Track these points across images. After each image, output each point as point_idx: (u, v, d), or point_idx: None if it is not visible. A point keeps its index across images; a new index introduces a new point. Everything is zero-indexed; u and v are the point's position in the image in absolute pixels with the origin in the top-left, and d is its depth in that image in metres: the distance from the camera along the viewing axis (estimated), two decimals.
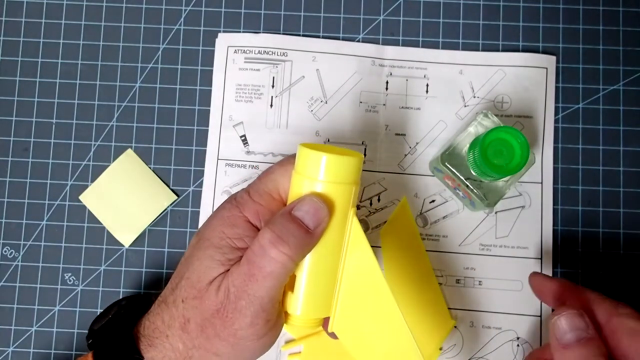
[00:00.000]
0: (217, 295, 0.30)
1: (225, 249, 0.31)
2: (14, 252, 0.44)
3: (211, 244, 0.31)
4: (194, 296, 0.31)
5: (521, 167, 0.36)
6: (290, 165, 0.32)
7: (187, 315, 0.31)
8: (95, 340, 0.34)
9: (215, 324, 0.30)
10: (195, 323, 0.31)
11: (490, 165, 0.36)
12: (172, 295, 0.32)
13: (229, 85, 0.45)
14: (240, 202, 0.32)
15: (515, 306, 0.42)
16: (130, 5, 0.46)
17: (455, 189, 0.41)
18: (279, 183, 0.32)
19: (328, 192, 0.30)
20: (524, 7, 0.45)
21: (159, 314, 0.32)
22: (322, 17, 0.46)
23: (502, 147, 0.36)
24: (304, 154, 0.30)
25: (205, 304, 0.30)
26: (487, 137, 0.36)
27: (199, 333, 0.31)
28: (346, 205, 0.30)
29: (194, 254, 0.32)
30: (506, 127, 0.36)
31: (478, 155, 0.36)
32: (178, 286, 0.32)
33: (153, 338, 0.32)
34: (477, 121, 0.39)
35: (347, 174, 0.30)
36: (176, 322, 0.31)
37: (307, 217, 0.29)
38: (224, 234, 0.31)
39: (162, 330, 0.32)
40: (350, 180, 0.30)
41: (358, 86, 0.44)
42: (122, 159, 0.45)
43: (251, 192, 0.32)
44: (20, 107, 0.45)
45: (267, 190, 0.32)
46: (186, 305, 0.31)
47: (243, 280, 0.29)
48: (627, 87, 0.44)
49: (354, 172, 0.30)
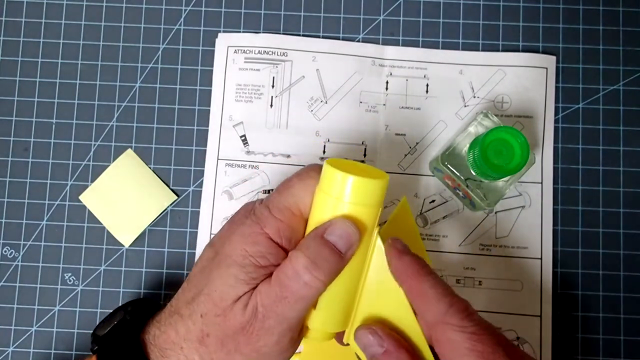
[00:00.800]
0: (244, 314, 0.30)
1: (249, 268, 0.30)
2: (14, 252, 0.44)
3: (234, 262, 0.31)
4: (216, 314, 0.30)
5: (521, 167, 0.36)
6: (310, 180, 0.31)
7: (207, 330, 0.31)
8: (101, 346, 0.34)
9: (239, 340, 0.30)
10: (215, 337, 0.30)
11: (490, 165, 0.36)
12: (187, 308, 0.32)
13: (229, 85, 0.45)
14: (261, 218, 0.31)
15: (515, 306, 0.42)
16: (130, 5, 0.46)
17: (455, 189, 0.41)
18: (299, 198, 0.31)
19: (355, 214, 0.29)
20: (524, 7, 0.45)
21: (172, 325, 0.32)
22: (322, 17, 0.46)
23: (502, 147, 0.36)
24: (330, 173, 0.29)
25: (229, 322, 0.30)
26: (487, 137, 0.36)
27: (218, 347, 0.30)
28: (371, 226, 0.30)
29: (214, 270, 0.31)
30: (506, 127, 0.36)
31: (478, 155, 0.36)
32: (196, 300, 0.31)
33: (165, 349, 0.32)
34: (477, 121, 0.39)
35: (374, 196, 0.30)
36: (193, 336, 0.31)
37: (341, 242, 0.29)
38: (247, 252, 0.30)
39: (177, 342, 0.31)
40: (377, 203, 0.30)
41: (358, 86, 0.44)
42: (122, 159, 0.45)
43: (271, 207, 0.31)
44: (20, 107, 0.45)
45: (287, 206, 0.31)
46: (206, 320, 0.31)
47: (273, 301, 0.29)
48: (627, 87, 0.44)
49: (380, 194, 0.30)
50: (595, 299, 0.43)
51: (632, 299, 0.43)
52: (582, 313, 0.42)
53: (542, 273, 0.42)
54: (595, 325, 0.42)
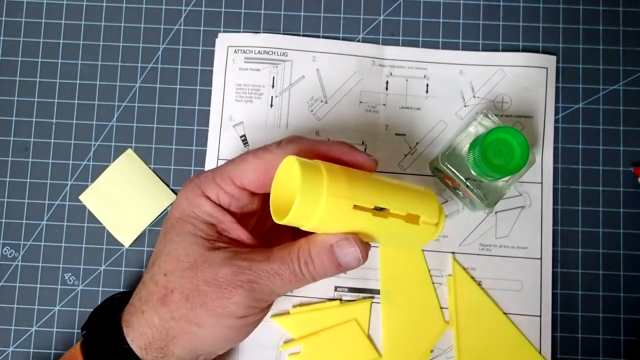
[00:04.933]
0: (221, 269, 0.31)
1: (202, 226, 0.32)
2: (14, 252, 0.44)
3: (185, 222, 0.32)
4: (183, 268, 0.31)
5: (521, 167, 0.36)
6: (264, 158, 0.32)
7: (172, 286, 0.31)
8: (88, 331, 0.35)
9: (208, 293, 0.31)
10: (180, 293, 0.31)
11: (490, 165, 0.36)
12: (148, 273, 0.33)
13: (229, 85, 0.45)
14: (203, 182, 0.33)
15: (515, 306, 0.42)
16: (130, 5, 0.46)
17: (456, 189, 0.41)
18: (245, 173, 0.33)
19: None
20: (524, 7, 0.45)
21: (136, 294, 0.33)
22: (322, 17, 0.46)
23: (502, 147, 0.36)
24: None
25: (203, 273, 0.31)
26: (487, 137, 0.36)
27: (181, 304, 0.31)
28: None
29: (169, 231, 0.33)
30: (506, 127, 0.36)
31: (478, 155, 0.36)
32: (156, 262, 0.33)
33: (129, 320, 0.33)
34: (477, 121, 0.39)
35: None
36: (154, 297, 0.32)
37: (344, 260, 0.31)
38: (194, 213, 0.33)
39: (138, 307, 0.32)
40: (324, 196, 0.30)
41: (358, 86, 0.44)
42: (122, 159, 0.45)
43: (216, 173, 0.33)
44: (20, 107, 0.45)
45: (231, 176, 0.33)
46: (171, 277, 0.32)
47: (267, 273, 0.31)
48: (627, 87, 0.44)
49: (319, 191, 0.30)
50: (595, 299, 0.43)
51: (632, 299, 0.42)
52: (582, 313, 0.42)
53: (542, 273, 0.42)
54: (595, 325, 0.42)
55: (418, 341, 0.41)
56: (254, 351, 0.42)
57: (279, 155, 0.32)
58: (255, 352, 0.42)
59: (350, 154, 0.33)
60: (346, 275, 0.42)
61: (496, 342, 0.41)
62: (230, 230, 0.33)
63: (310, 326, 0.42)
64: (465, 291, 0.42)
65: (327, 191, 0.29)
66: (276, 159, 0.32)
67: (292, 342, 0.42)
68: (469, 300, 0.41)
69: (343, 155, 0.33)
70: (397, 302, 0.42)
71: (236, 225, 0.33)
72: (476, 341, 0.41)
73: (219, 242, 0.32)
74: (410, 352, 0.41)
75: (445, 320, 0.42)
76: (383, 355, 0.41)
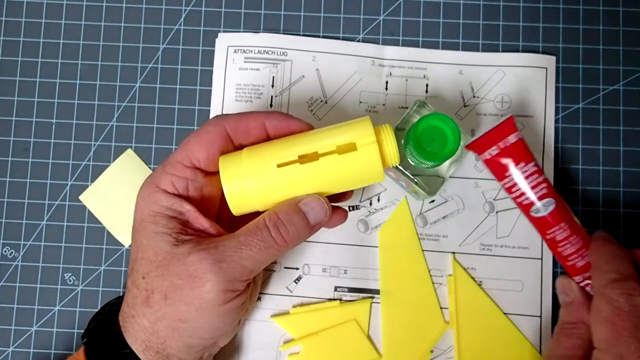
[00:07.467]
0: (188, 257, 0.31)
1: (163, 221, 0.33)
2: (14, 252, 0.44)
3: (148, 223, 0.33)
4: (156, 267, 0.32)
5: (454, 152, 0.37)
6: (205, 134, 0.34)
7: (151, 288, 0.32)
8: (89, 338, 0.35)
9: (182, 286, 0.31)
10: (159, 292, 0.32)
11: (424, 153, 0.36)
12: (129, 279, 0.33)
13: (229, 85, 0.45)
14: (155, 177, 0.34)
15: (516, 306, 0.42)
16: (130, 5, 0.46)
17: (398, 180, 0.41)
18: (191, 152, 0.34)
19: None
20: (524, 7, 0.45)
21: (125, 301, 0.34)
22: (322, 17, 0.46)
23: (435, 134, 0.37)
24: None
25: (173, 268, 0.31)
26: (418, 126, 0.37)
27: (162, 303, 0.31)
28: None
29: (136, 236, 0.33)
30: (436, 114, 0.37)
31: (411, 145, 0.36)
32: (134, 268, 0.33)
33: (125, 324, 0.33)
34: (414, 109, 0.40)
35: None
36: (139, 300, 0.32)
37: (312, 215, 0.32)
38: (153, 211, 0.33)
39: (129, 312, 0.33)
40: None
41: (358, 86, 0.44)
42: (122, 159, 0.45)
43: (165, 165, 0.34)
44: (20, 107, 0.45)
45: (179, 160, 0.34)
46: (149, 279, 0.32)
47: (233, 248, 0.31)
48: (627, 87, 0.44)
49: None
50: None
51: None
52: None
53: (542, 273, 0.42)
54: None
55: (418, 341, 0.41)
56: (254, 351, 0.42)
57: (218, 126, 0.34)
58: (255, 352, 0.42)
59: (284, 121, 0.34)
60: (346, 275, 0.42)
61: (496, 342, 0.41)
62: (193, 220, 0.33)
63: (310, 326, 0.42)
64: (465, 291, 0.42)
65: (247, 163, 0.32)
66: (215, 130, 0.34)
67: (292, 342, 0.42)
68: (469, 300, 0.41)
69: (279, 123, 0.34)
70: (397, 302, 0.42)
71: (198, 214, 0.33)
72: (476, 341, 0.41)
73: (183, 235, 0.32)
74: (410, 352, 0.41)
75: (446, 321, 0.42)
76: (383, 356, 0.41)
